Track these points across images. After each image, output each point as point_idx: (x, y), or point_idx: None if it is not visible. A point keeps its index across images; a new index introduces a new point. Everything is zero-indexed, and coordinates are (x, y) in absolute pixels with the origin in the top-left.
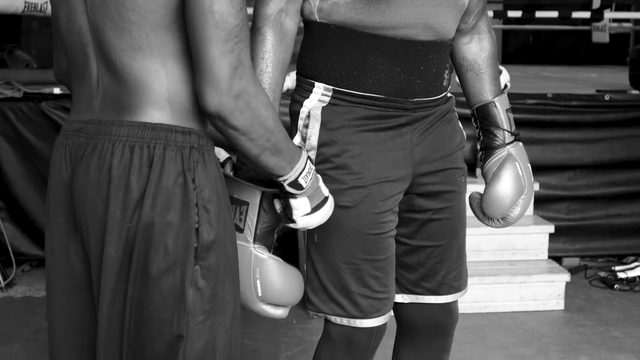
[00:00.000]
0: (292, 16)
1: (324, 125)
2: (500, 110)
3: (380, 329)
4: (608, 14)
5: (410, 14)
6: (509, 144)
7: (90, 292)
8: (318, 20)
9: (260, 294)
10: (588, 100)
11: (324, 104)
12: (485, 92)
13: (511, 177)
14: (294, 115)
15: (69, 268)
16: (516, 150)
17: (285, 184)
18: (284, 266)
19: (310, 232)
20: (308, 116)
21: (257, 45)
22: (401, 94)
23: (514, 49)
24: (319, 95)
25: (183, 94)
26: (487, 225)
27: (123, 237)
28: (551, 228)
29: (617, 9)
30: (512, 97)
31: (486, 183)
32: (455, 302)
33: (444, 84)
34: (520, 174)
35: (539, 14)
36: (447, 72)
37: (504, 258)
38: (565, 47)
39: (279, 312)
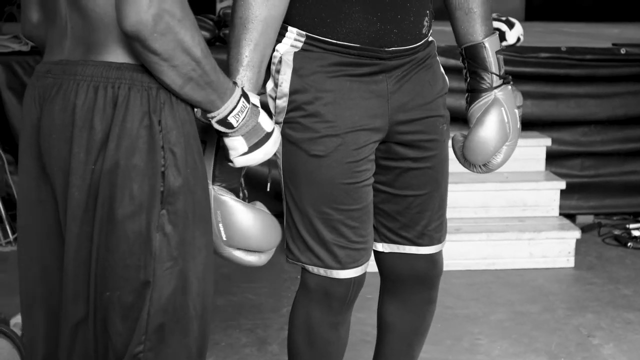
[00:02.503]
0: None
1: (295, 72)
2: (490, 52)
3: (358, 280)
4: None
5: None
6: (496, 87)
7: (62, 237)
8: None
9: (224, 238)
10: (603, 54)
11: (297, 49)
12: (474, 32)
13: (495, 123)
14: None
15: (40, 211)
16: (504, 94)
17: (213, 122)
18: (249, 208)
19: (285, 181)
20: (280, 61)
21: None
22: (376, 43)
23: (537, 5)
24: (292, 40)
25: None
26: (469, 170)
27: (87, 180)
28: (562, 184)
29: None
30: (524, 50)
31: (469, 127)
32: (439, 254)
33: (423, 31)
34: (506, 120)
35: None
36: (426, 18)
37: (513, 214)
38: (590, 3)
39: (252, 258)
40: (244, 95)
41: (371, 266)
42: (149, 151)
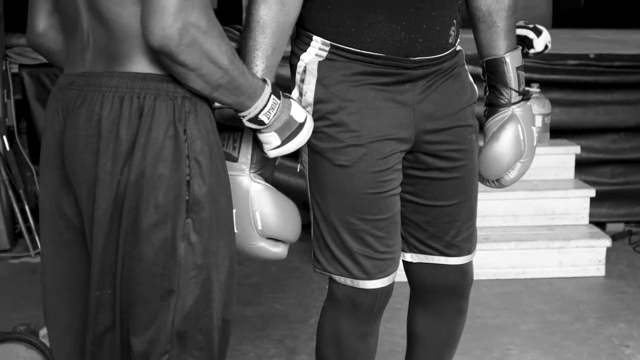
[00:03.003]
0: None
1: (320, 81)
2: (510, 67)
3: (386, 291)
4: None
5: None
6: (514, 103)
7: (84, 248)
8: None
9: (260, 227)
10: (632, 61)
11: (321, 59)
12: (496, 46)
13: (510, 139)
14: (292, 68)
15: (63, 224)
16: (522, 110)
17: (244, 120)
18: (281, 195)
19: (311, 191)
20: (304, 70)
21: (254, 5)
22: (401, 52)
23: (564, 12)
24: (316, 49)
25: None
26: (481, 183)
27: (113, 190)
28: (592, 192)
29: None
30: (552, 57)
31: (484, 141)
32: (469, 264)
33: (450, 40)
34: (521, 137)
35: None
36: (453, 28)
37: (543, 223)
38: (618, 9)
39: (279, 250)
40: (274, 92)
41: (400, 275)
42: (174, 160)
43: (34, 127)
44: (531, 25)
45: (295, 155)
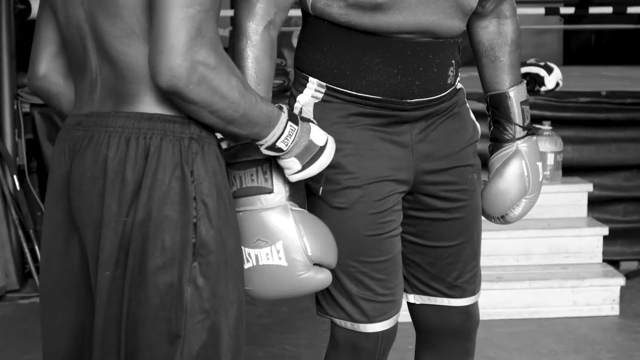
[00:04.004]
0: (279, 25)
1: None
2: (514, 102)
3: (388, 334)
4: None
5: (408, 22)
6: (519, 138)
7: (89, 291)
8: (312, 14)
9: (310, 252)
10: None
11: (317, 100)
12: (500, 80)
13: (514, 175)
14: (289, 110)
15: (67, 265)
16: (527, 146)
17: (262, 149)
18: (318, 219)
19: None
20: (300, 112)
21: (242, 62)
22: (398, 95)
23: (575, 49)
24: (312, 91)
25: None
26: (486, 219)
27: (119, 232)
28: (605, 230)
29: None
30: (564, 95)
31: (488, 177)
32: (474, 305)
33: (449, 81)
34: (525, 173)
35: (593, 10)
36: (452, 68)
37: (556, 262)
38: (629, 47)
39: (324, 276)
40: (292, 118)
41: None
42: (181, 202)
43: (44, 166)
44: (542, 63)
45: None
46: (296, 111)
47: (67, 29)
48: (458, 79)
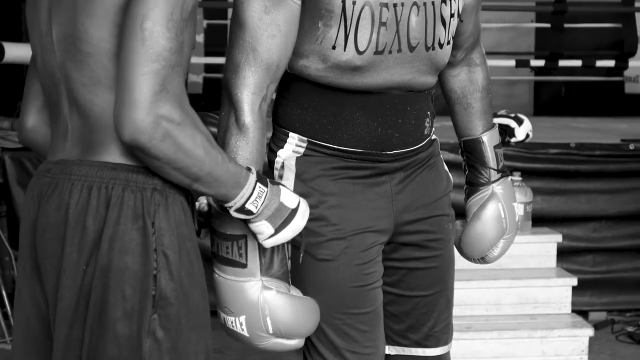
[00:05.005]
0: (271, 97)
1: (298, 176)
2: (488, 147)
3: None
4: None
5: (386, 81)
6: (494, 181)
7: (51, 339)
8: (290, 72)
9: (271, 331)
10: (612, 150)
11: (299, 155)
12: (473, 126)
13: (492, 218)
14: (270, 164)
15: (33, 314)
16: (502, 188)
17: (231, 211)
18: (295, 299)
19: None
20: (282, 167)
21: (238, 137)
22: (378, 147)
23: (546, 100)
24: (293, 145)
25: None
26: (467, 260)
27: (78, 280)
28: (574, 281)
29: None
30: (534, 146)
31: (466, 220)
32: (447, 355)
33: (425, 132)
34: (502, 215)
35: (563, 62)
36: (428, 119)
37: (525, 312)
38: (598, 98)
39: (294, 342)
40: (260, 179)
41: None
42: (141, 253)
43: (14, 211)
44: (512, 115)
45: None
46: (277, 165)
47: (44, 76)
48: (433, 129)
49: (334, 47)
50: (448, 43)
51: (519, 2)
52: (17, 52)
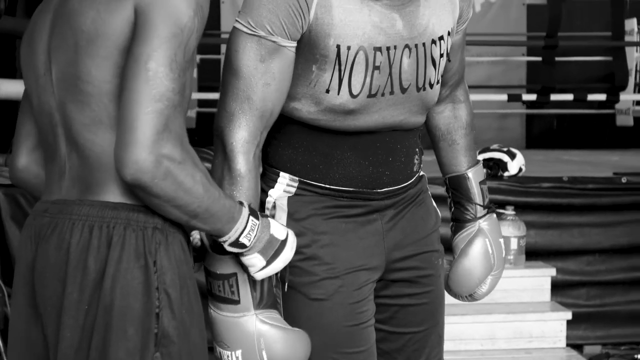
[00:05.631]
0: (263, 142)
1: (290, 216)
2: (473, 183)
3: None
4: (631, 96)
5: (377, 123)
6: (480, 217)
7: None
8: (280, 113)
9: None
10: (605, 183)
11: (290, 195)
12: (458, 163)
13: (479, 254)
14: (261, 204)
15: (30, 352)
16: (488, 224)
17: (225, 245)
18: (288, 331)
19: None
20: (274, 207)
21: (233, 187)
22: (369, 186)
23: (537, 134)
24: (284, 185)
25: None
26: (454, 298)
27: (80, 320)
28: (568, 315)
29: None
30: (526, 180)
31: (454, 258)
32: None
33: (414, 169)
34: (490, 251)
35: (554, 96)
36: (417, 156)
37: (520, 346)
38: (590, 131)
39: None
40: (252, 212)
41: None
42: (143, 292)
43: (7, 246)
44: (505, 149)
45: None
46: (269, 205)
47: (40, 116)
48: (421, 166)
49: (327, 91)
50: (437, 82)
51: (510, 36)
52: (11, 88)
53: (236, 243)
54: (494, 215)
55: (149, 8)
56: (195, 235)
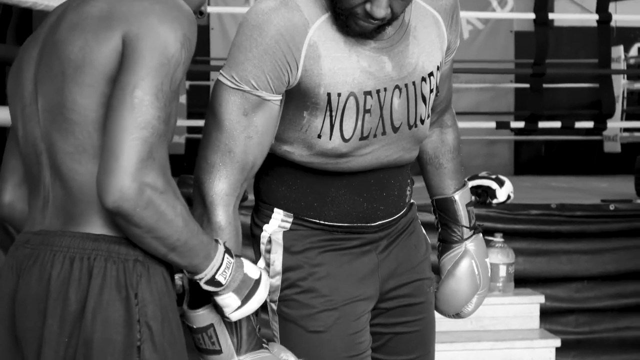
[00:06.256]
0: (242, 194)
1: (287, 250)
2: (460, 206)
3: None
4: (618, 124)
5: (371, 162)
6: (467, 239)
7: None
8: (272, 154)
9: None
10: (593, 210)
11: (285, 229)
12: (445, 186)
13: (466, 275)
14: (255, 238)
15: None
16: (475, 245)
17: (201, 283)
18: None
19: None
20: (269, 241)
21: (209, 227)
22: (363, 220)
23: (526, 160)
24: (279, 221)
25: None
26: (441, 315)
27: (60, 352)
28: (557, 342)
29: (628, 119)
30: (515, 208)
31: (440, 279)
32: None
33: (407, 200)
34: (476, 272)
35: (542, 124)
36: (409, 188)
37: None
38: (578, 157)
39: None
40: (227, 251)
41: None
42: (124, 325)
43: None
44: (494, 176)
45: None
46: (264, 240)
47: (25, 147)
48: (412, 194)
49: (319, 136)
50: (428, 116)
51: (498, 63)
52: (1, 115)
53: (212, 281)
54: (480, 235)
55: (137, 38)
56: (178, 282)
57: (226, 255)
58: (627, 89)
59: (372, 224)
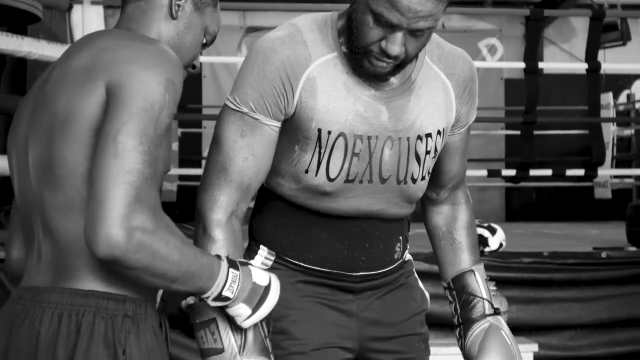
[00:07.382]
0: (242, 213)
1: None
2: (480, 280)
3: None
4: (608, 171)
5: (353, 208)
6: (489, 315)
7: None
8: (266, 187)
9: None
10: (585, 258)
11: (266, 267)
12: (461, 261)
13: (501, 347)
14: None
15: None
16: (497, 320)
17: (208, 301)
18: None
19: None
20: None
21: (209, 248)
22: (343, 268)
23: (517, 207)
24: (263, 258)
25: None
26: None
27: None
28: None
29: (618, 166)
30: (507, 256)
31: (470, 359)
32: None
33: (395, 256)
34: (509, 342)
35: (534, 172)
36: (399, 244)
37: None
38: (569, 204)
39: None
40: (232, 264)
41: None
42: None
43: None
44: (485, 224)
45: None
46: None
47: (20, 201)
48: (407, 251)
49: (306, 171)
50: (423, 178)
51: (489, 110)
52: (5, 164)
53: (220, 297)
54: (500, 317)
55: (119, 86)
56: (182, 303)
57: (231, 270)
58: (616, 136)
59: (354, 274)
